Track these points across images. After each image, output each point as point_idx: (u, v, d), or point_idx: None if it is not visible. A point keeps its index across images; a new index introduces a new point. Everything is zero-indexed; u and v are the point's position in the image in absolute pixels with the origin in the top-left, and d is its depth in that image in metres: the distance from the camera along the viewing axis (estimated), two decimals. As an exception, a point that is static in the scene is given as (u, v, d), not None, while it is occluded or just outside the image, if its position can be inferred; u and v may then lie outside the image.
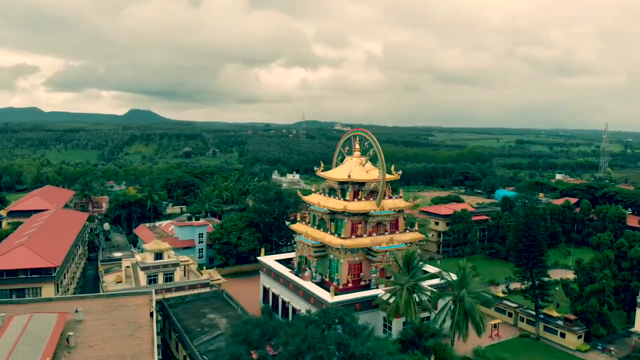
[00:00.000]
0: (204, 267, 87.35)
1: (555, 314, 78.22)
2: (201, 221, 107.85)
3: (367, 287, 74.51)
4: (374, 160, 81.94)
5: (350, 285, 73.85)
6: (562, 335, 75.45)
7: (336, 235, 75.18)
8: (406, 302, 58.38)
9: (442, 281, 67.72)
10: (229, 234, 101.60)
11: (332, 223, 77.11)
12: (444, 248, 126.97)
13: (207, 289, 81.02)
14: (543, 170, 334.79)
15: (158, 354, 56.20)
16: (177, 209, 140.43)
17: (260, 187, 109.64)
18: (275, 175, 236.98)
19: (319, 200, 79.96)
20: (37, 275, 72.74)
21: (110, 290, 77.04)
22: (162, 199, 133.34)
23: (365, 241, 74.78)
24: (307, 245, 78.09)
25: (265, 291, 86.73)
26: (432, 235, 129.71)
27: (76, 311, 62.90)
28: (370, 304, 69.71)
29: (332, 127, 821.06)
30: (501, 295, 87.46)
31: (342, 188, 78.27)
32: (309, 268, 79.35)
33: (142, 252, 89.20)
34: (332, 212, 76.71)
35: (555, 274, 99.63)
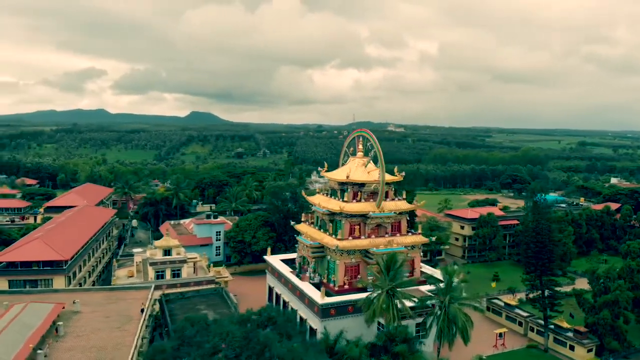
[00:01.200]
0: (211, 265, 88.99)
1: (565, 325, 73.97)
2: (219, 219, 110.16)
3: (364, 289, 73.34)
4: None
5: (346, 287, 73.09)
6: (572, 347, 71.22)
7: (334, 236, 74.65)
8: (383, 306, 57.05)
9: (432, 287, 65.65)
10: (243, 233, 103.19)
11: (331, 224, 76.66)
12: (470, 253, 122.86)
13: (212, 286, 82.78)
14: (600, 173, 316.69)
15: (141, 346, 58.25)
16: (206, 207, 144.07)
17: (276, 187, 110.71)
18: (314, 176, 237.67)
19: (319, 201, 79.75)
20: (49, 268, 76.85)
21: (117, 284, 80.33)
22: (188, 197, 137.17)
23: (362, 243, 73.77)
24: (306, 246, 78.03)
25: (270, 290, 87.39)
26: (458, 239, 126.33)
27: (74, 302, 66.10)
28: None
29: (385, 127, 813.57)
30: (513, 303, 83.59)
31: (341, 189, 77.64)
32: (310, 269, 79.25)
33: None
34: (332, 213, 76.19)
35: (585, 284, 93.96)
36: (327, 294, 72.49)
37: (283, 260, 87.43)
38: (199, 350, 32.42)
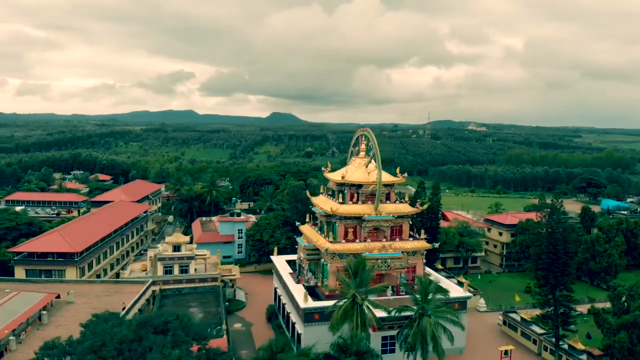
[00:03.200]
0: (219, 263, 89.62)
1: (580, 346, 66.25)
2: (241, 217, 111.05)
3: (357, 295, 70.26)
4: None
5: (337, 292, 70.19)
6: (584, 372, 63.72)
7: (328, 238, 72.27)
8: (344, 313, 54.01)
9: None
10: (262, 232, 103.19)
11: (328, 226, 74.31)
12: (508, 262, 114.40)
13: (215, 283, 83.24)
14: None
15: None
16: (245, 205, 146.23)
17: (295, 186, 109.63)
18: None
19: (319, 202, 77.59)
20: (62, 259, 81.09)
21: (129, 277, 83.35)
22: (221, 195, 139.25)
23: (356, 247, 70.72)
24: (303, 247, 76.33)
25: (275, 291, 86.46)
26: (497, 246, 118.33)
27: (68, 293, 69.18)
28: (348, 313, 65.57)
29: (466, 126, 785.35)
30: (529, 318, 76.34)
31: (340, 190, 74.98)
32: (309, 271, 77.43)
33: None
34: (327, 215, 73.78)
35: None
36: (319, 298, 70.60)
37: (290, 262, 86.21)
38: (79, 348, 32.22)
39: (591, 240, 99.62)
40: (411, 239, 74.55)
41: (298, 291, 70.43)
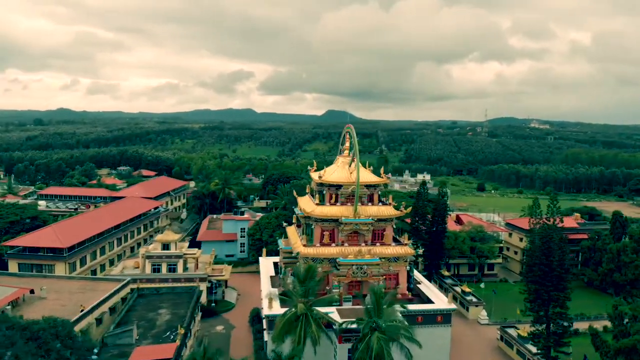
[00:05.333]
0: (212, 263, 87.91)
1: (573, 370, 59.04)
2: (245, 216, 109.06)
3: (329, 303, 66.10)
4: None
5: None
6: (575, 400, 56.59)
7: (303, 241, 68.54)
8: (287, 324, 50.13)
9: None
10: (262, 231, 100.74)
11: (307, 228, 70.59)
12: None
13: (193, 284, 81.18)
14: None
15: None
16: (262, 203, 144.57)
17: (296, 185, 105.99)
18: (406, 175, 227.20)
19: (301, 202, 73.99)
20: (52, 254, 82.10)
21: (110, 274, 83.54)
22: (233, 192, 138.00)
23: (331, 251, 66.59)
24: (280, 250, 73.12)
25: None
26: (517, 253, 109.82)
27: (41, 289, 69.42)
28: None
29: (528, 124, 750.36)
30: (525, 335, 69.13)
31: (319, 190, 71.04)
32: (291, 275, 74.02)
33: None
34: (306, 216, 70.08)
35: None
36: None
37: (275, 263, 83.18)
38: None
39: (617, 249, 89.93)
40: (394, 244, 69.41)
41: (266, 296, 67.21)
